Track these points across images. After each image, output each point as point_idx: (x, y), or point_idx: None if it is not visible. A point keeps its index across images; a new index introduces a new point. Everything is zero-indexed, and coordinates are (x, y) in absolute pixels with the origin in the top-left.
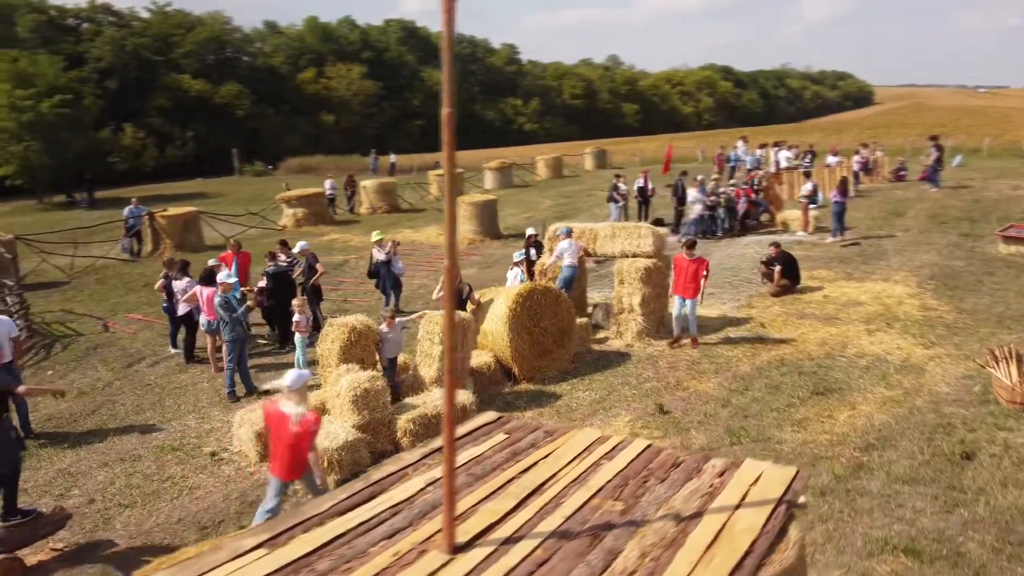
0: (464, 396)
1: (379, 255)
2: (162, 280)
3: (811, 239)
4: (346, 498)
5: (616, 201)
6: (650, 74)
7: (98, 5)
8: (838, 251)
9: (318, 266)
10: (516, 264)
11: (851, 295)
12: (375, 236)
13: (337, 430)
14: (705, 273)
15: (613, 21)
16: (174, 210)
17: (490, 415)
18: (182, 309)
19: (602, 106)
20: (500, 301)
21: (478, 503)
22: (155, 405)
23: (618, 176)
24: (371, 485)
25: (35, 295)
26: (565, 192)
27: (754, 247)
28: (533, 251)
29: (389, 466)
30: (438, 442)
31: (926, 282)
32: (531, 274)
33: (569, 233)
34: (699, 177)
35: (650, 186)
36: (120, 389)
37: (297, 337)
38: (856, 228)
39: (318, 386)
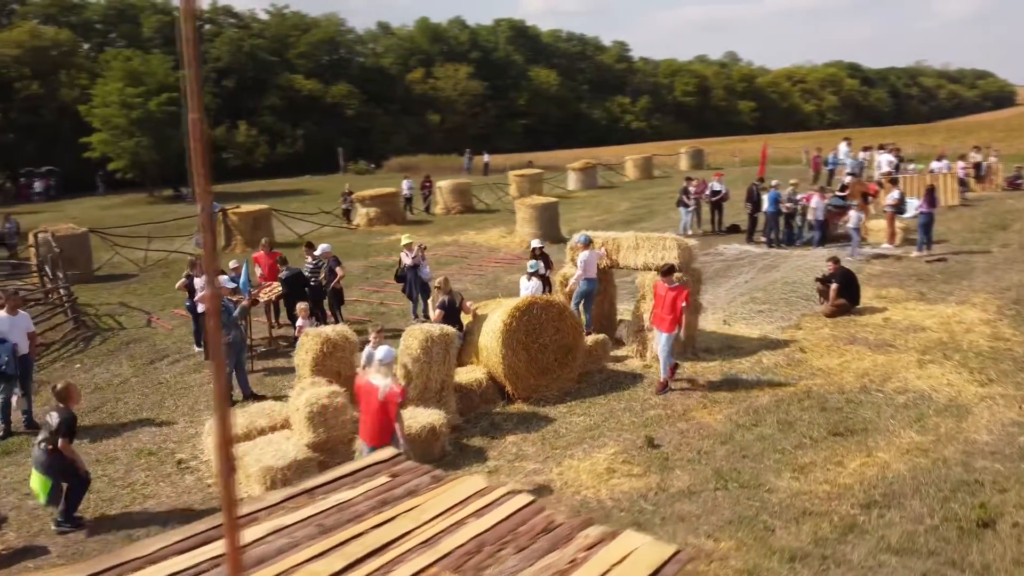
0: (435, 417)
1: (406, 259)
2: (183, 279)
3: (896, 252)
4: (177, 542)
5: (686, 205)
6: (770, 71)
7: (219, 7)
8: (920, 267)
9: (338, 269)
10: (532, 275)
11: (916, 319)
12: (404, 240)
13: (288, 448)
14: (684, 304)
15: (737, 17)
16: (246, 207)
17: (384, 453)
18: (200, 307)
19: (716, 103)
20: (496, 314)
21: (305, 562)
22: (156, 405)
23: (689, 179)
24: (210, 529)
25: (101, 287)
26: (649, 194)
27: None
28: (541, 264)
29: (244, 507)
30: (312, 482)
31: (1007, 307)
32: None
33: (588, 243)
34: (774, 182)
35: (724, 189)
36: (132, 387)
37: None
38: (948, 242)
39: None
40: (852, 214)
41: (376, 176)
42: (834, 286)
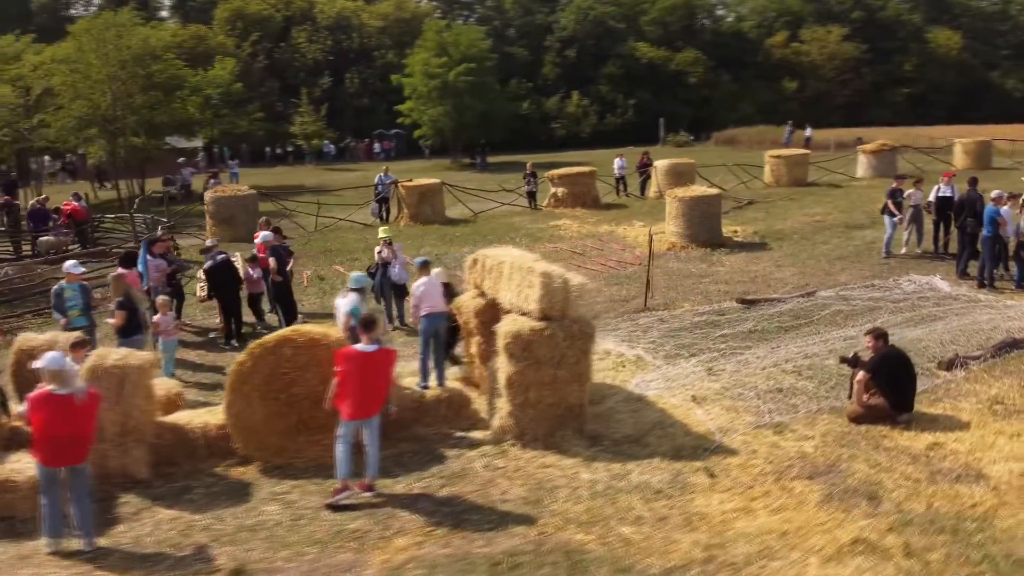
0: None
1: (377, 257)
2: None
3: None
4: None
5: (891, 215)
6: None
7: None
8: None
9: (272, 260)
10: (353, 291)
11: (997, 453)
12: (381, 233)
13: None
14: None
15: None
16: (418, 180)
17: None
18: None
19: None
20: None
21: None
22: None
23: (901, 178)
24: None
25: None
26: None
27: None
28: (366, 280)
29: None
30: None
31: None
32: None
33: (425, 266)
34: (995, 194)
35: (956, 196)
36: None
37: (160, 341)
38: None
39: None
40: None
41: (691, 149)
42: (860, 376)
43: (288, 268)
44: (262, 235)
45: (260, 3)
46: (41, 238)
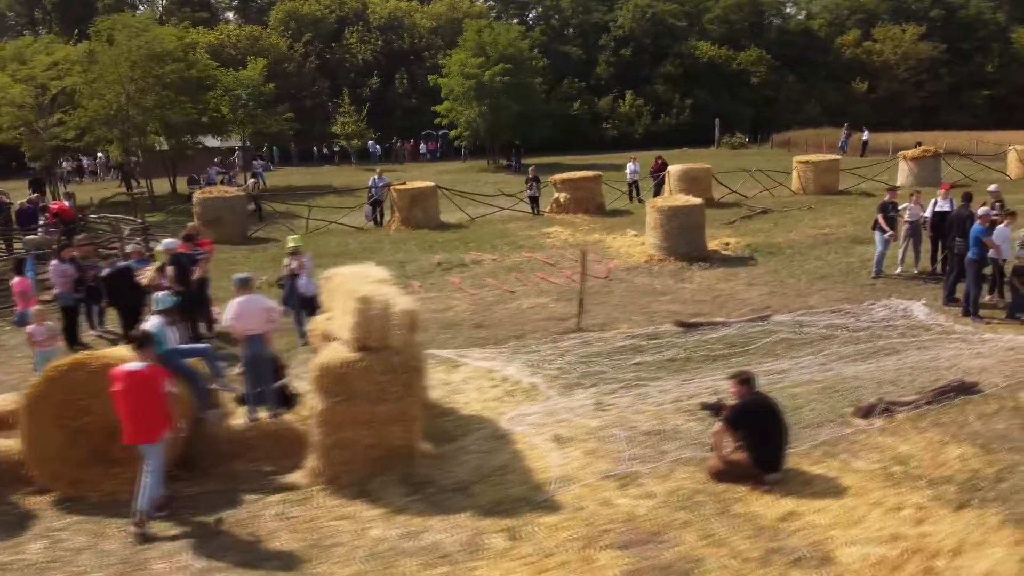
0: None
1: (285, 269)
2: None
3: None
4: None
5: (883, 231)
6: None
7: None
8: None
9: (170, 269)
10: (157, 313)
11: (860, 531)
12: (290, 243)
13: None
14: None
15: None
16: (412, 184)
17: None
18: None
19: None
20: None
21: None
22: None
23: (894, 189)
24: None
25: (238, 251)
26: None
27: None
28: (169, 299)
29: None
30: None
31: None
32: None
33: (245, 284)
34: (981, 211)
35: (953, 211)
36: None
37: (36, 352)
38: None
39: None
40: None
41: (746, 152)
42: (717, 427)
43: (195, 277)
44: (164, 242)
45: (314, 4)
46: (28, 236)
